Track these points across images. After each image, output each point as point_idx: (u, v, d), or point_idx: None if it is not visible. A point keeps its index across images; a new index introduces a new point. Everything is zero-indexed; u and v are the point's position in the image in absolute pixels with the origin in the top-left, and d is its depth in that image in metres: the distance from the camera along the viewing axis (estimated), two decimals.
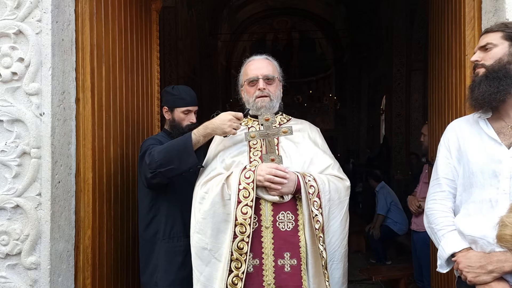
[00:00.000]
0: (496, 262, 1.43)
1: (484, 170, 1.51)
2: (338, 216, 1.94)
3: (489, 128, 1.56)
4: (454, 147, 1.65)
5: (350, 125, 15.20)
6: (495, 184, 1.49)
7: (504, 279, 1.44)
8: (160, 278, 2.29)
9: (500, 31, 1.55)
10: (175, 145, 2.07)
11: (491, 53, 1.55)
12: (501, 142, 1.51)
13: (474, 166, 1.54)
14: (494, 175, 1.49)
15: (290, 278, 1.81)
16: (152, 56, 3.20)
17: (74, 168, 2.15)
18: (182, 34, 8.77)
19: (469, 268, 1.47)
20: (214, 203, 1.86)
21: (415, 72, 9.08)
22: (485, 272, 1.44)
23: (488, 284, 1.44)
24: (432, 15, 3.02)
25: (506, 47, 1.53)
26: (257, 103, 2.00)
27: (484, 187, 1.51)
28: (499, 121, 1.56)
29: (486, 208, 1.50)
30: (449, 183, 1.66)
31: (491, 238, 1.45)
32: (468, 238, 1.53)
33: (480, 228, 1.49)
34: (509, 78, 1.50)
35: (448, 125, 1.74)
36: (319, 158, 2.01)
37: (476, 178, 1.54)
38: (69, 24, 2.11)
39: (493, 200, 1.48)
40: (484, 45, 1.57)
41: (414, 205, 3.84)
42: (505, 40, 1.54)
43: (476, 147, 1.56)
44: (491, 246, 1.46)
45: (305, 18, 15.88)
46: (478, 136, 1.58)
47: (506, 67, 1.51)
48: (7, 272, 1.96)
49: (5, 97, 1.95)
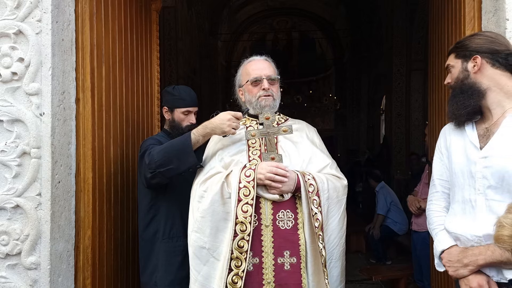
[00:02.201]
0: (470, 256, 1.51)
1: (464, 171, 1.59)
2: (336, 215, 1.96)
3: (473, 130, 1.63)
4: (444, 148, 1.73)
5: (350, 125, 15.20)
6: (472, 184, 1.56)
7: (482, 273, 1.51)
8: (159, 278, 2.29)
9: (453, 52, 1.68)
10: (175, 145, 2.07)
11: (452, 74, 1.68)
12: (476, 144, 1.58)
13: (455, 167, 1.63)
14: (471, 176, 1.56)
15: (290, 276, 1.82)
16: (152, 56, 3.20)
17: (74, 168, 2.15)
18: (182, 34, 8.77)
19: (450, 263, 1.57)
20: (214, 202, 1.86)
21: (415, 72, 9.08)
22: (462, 266, 1.52)
23: (466, 277, 1.52)
24: (432, 15, 3.02)
25: (460, 65, 1.64)
26: (261, 102, 2.00)
27: (464, 187, 1.59)
28: (481, 124, 1.63)
29: (468, 207, 1.57)
30: (443, 183, 1.73)
31: (470, 234, 1.52)
32: (453, 235, 1.61)
33: (460, 226, 1.57)
34: (468, 91, 1.60)
35: (442, 128, 1.81)
36: (317, 157, 2.03)
37: (457, 179, 1.61)
38: (69, 24, 2.11)
39: (472, 200, 1.55)
40: (447, 67, 1.72)
41: (414, 205, 3.82)
42: (457, 59, 1.65)
43: (459, 149, 1.64)
44: (470, 242, 1.53)
45: (305, 18, 15.88)
46: (462, 138, 1.65)
47: (464, 82, 1.62)
48: (7, 272, 1.96)
49: (5, 97, 1.95)
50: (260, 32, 16.55)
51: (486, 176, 1.52)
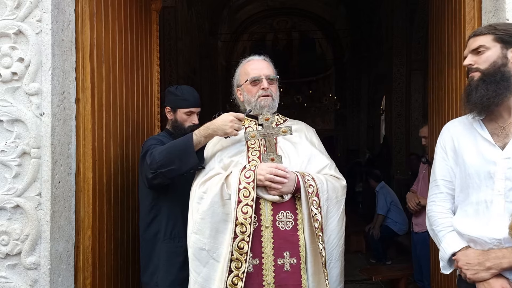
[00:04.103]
0: (494, 259, 1.45)
1: (480, 172, 1.53)
2: (335, 215, 1.96)
3: (484, 129, 1.57)
4: (450, 148, 1.66)
5: (350, 125, 15.20)
6: (490, 185, 1.51)
7: (503, 276, 1.46)
8: (161, 278, 2.29)
9: (491, 33, 1.54)
10: (176, 145, 2.07)
11: (484, 56, 1.53)
12: (495, 144, 1.52)
13: (470, 168, 1.56)
14: (489, 177, 1.51)
15: (290, 277, 1.82)
16: (152, 56, 3.20)
17: (74, 168, 2.15)
18: (182, 34, 8.76)
19: (468, 266, 1.50)
20: (213, 203, 1.85)
21: (415, 72, 9.07)
22: (484, 269, 1.46)
23: (487, 281, 1.46)
24: (432, 15, 3.02)
25: (499, 50, 1.52)
26: (260, 102, 2.00)
27: (480, 188, 1.53)
28: (492, 123, 1.57)
29: (482, 209, 1.52)
30: (447, 184, 1.68)
31: (488, 237, 1.47)
32: (466, 237, 1.55)
33: (476, 229, 1.51)
34: (506, 81, 1.49)
35: (444, 127, 1.75)
36: (317, 158, 2.03)
37: (472, 180, 1.55)
38: (69, 24, 2.11)
39: (488, 201, 1.50)
40: (476, 48, 1.56)
41: (413, 201, 3.75)
42: (496, 42, 1.52)
43: (471, 149, 1.57)
44: (488, 245, 1.48)
45: (305, 18, 15.88)
46: (472, 138, 1.59)
47: (501, 70, 1.50)
48: (7, 272, 1.96)
49: (5, 97, 1.95)
50: (260, 32, 16.55)
51: (510, 178, 1.47)
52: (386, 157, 10.01)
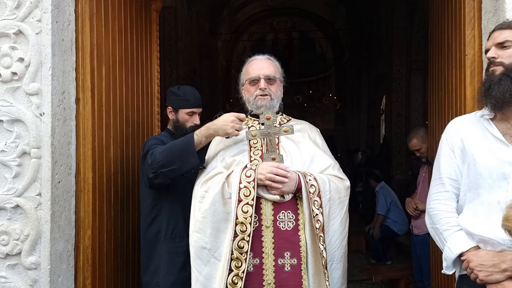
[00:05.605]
0: (510, 261, 1.40)
1: (493, 172, 1.48)
2: (338, 216, 1.95)
3: (494, 128, 1.52)
4: (457, 146, 1.61)
5: (350, 125, 15.20)
6: (504, 186, 1.46)
7: None
8: (162, 278, 2.29)
9: None
10: (177, 145, 2.07)
11: (510, 51, 1.48)
12: (508, 144, 1.48)
13: (481, 168, 1.50)
14: (503, 178, 1.46)
15: (290, 278, 1.81)
16: (152, 56, 3.20)
17: (74, 168, 2.15)
18: (182, 34, 8.76)
19: (481, 267, 1.44)
20: (214, 202, 1.86)
21: (415, 72, 9.07)
22: (499, 271, 1.41)
23: (501, 283, 1.41)
24: (432, 15, 3.02)
25: None
26: (257, 101, 2.00)
27: (493, 189, 1.48)
28: (503, 122, 1.52)
29: (494, 210, 1.46)
30: (453, 183, 1.63)
31: (501, 239, 1.42)
32: (477, 237, 1.50)
33: (489, 229, 1.46)
34: None
35: (449, 123, 1.70)
36: (320, 158, 2.02)
37: (483, 180, 1.50)
38: (69, 24, 2.11)
39: (502, 202, 1.44)
40: (502, 42, 1.50)
41: (411, 207, 3.79)
42: None
43: (483, 148, 1.52)
44: (501, 246, 1.44)
45: (305, 18, 15.87)
46: (483, 136, 1.54)
47: None
48: (7, 272, 1.96)
49: (5, 97, 1.95)
50: (260, 32, 16.54)
51: None
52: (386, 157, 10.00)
